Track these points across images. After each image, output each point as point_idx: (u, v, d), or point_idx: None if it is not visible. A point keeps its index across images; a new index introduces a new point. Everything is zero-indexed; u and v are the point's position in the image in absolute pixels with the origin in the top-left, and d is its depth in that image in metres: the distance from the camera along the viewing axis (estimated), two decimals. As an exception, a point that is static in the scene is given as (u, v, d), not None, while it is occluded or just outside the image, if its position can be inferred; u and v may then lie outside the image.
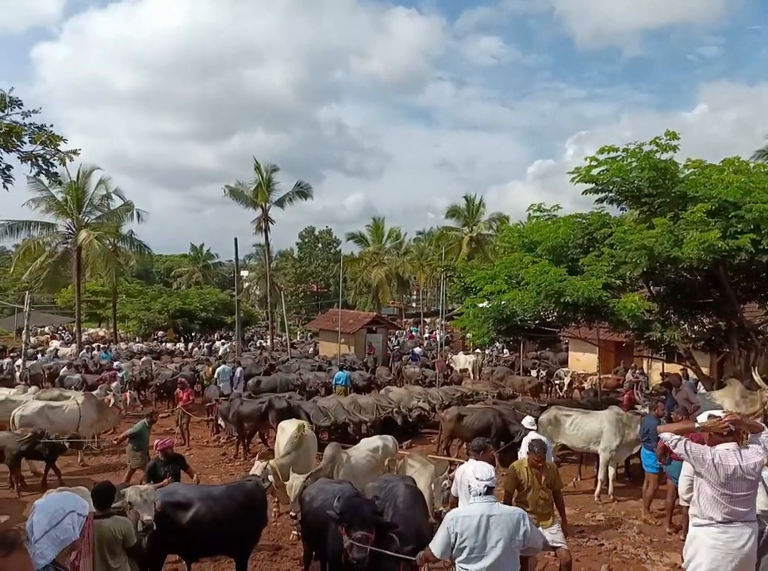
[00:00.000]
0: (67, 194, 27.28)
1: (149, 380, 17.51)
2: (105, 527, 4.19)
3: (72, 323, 37.00)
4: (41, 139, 4.97)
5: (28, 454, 9.31)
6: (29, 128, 4.99)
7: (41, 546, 2.26)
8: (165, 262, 66.26)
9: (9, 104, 4.82)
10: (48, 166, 5.11)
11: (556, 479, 5.62)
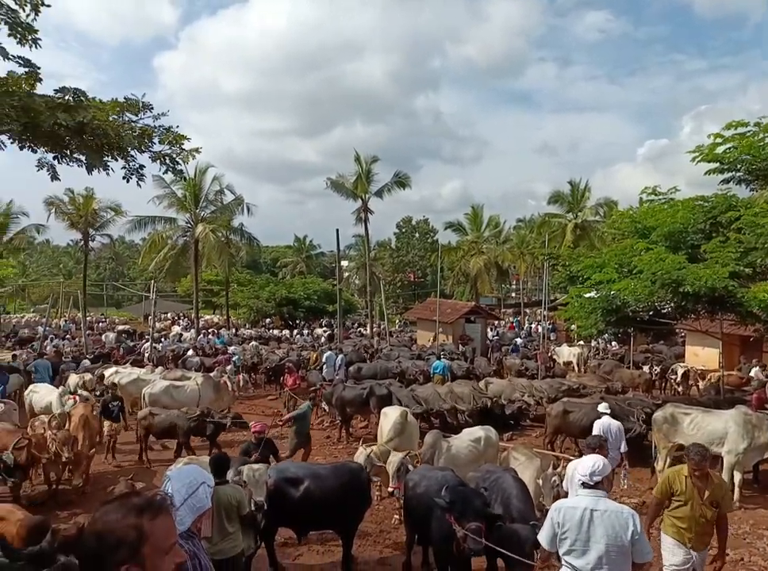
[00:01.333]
0: (186, 191, 29.54)
1: (259, 364, 18.59)
2: (222, 493, 4.55)
3: (191, 309, 40.15)
4: (168, 140, 5.44)
5: (195, 431, 10.14)
6: (159, 129, 5.48)
7: (181, 513, 2.50)
8: (271, 253, 69.73)
9: (142, 108, 5.31)
10: (174, 165, 5.59)
11: (725, 497, 4.67)
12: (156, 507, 1.53)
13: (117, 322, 40.54)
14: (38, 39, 4.66)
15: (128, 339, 28.18)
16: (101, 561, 1.47)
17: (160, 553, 1.50)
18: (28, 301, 47.81)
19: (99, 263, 61.61)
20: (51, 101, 4.82)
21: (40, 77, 4.94)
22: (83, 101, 5.02)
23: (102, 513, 1.51)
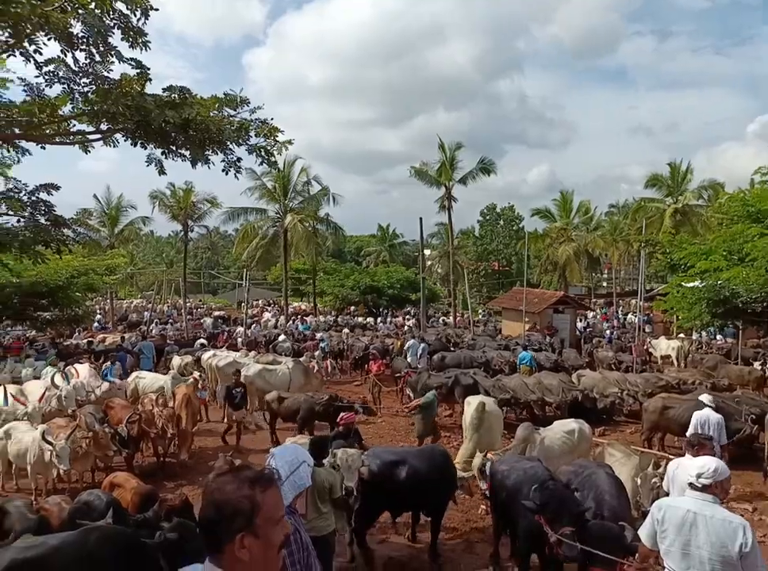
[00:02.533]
0: (275, 182, 30.68)
1: (345, 350, 19.06)
2: (317, 475, 4.70)
3: (280, 297, 41.81)
4: (264, 132, 5.66)
5: (321, 415, 10.15)
6: (255, 122, 5.72)
7: (284, 488, 2.62)
8: (355, 242, 70.90)
9: (240, 103, 5.57)
10: (269, 156, 5.82)
11: None
12: (266, 480, 1.61)
13: (214, 308, 43.02)
14: (147, 41, 5.01)
15: (224, 324, 29.86)
16: (220, 529, 1.56)
17: (271, 524, 1.58)
18: (136, 288, 51.90)
19: (197, 253, 65.57)
20: (159, 100, 5.17)
21: (150, 77, 5.33)
22: (188, 98, 5.34)
23: (218, 484, 1.61)
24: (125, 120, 4.74)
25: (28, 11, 4.24)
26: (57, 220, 5.30)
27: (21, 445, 8.25)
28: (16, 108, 5.73)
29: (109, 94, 4.93)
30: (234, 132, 5.38)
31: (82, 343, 21.18)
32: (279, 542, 1.60)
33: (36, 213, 5.24)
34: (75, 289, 18.51)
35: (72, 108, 5.62)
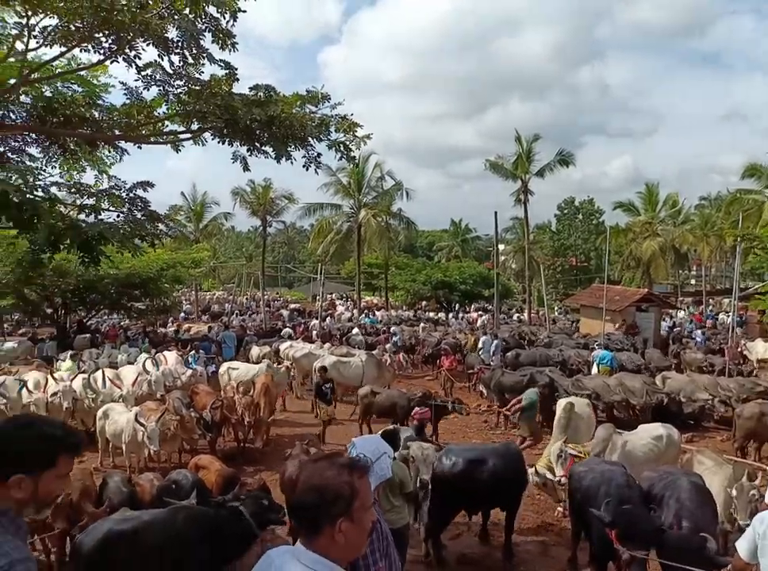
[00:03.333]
0: (350, 178, 31.19)
1: (417, 345, 19.08)
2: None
3: (353, 291, 42.50)
4: (344, 128, 5.76)
5: None
6: (335, 118, 5.83)
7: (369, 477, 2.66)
8: (427, 237, 70.71)
9: (321, 99, 5.69)
10: (348, 152, 5.92)
11: None
12: (362, 468, 1.65)
13: (289, 301, 44.38)
14: (235, 43, 5.23)
15: (299, 317, 30.72)
16: (320, 513, 1.61)
17: (364, 510, 1.62)
18: (218, 280, 54.46)
19: (274, 247, 67.88)
20: (246, 99, 5.39)
21: (237, 77, 5.56)
22: (273, 96, 5.53)
23: (316, 469, 1.66)
24: (215, 119, 4.98)
25: (130, 19, 4.55)
26: (152, 215, 5.67)
27: (117, 425, 8.87)
28: (116, 111, 6.17)
29: (201, 95, 5.20)
30: (315, 128, 5.51)
31: (170, 332, 22.53)
32: (369, 528, 1.64)
33: (133, 209, 5.63)
34: (164, 280, 19.70)
35: (166, 109, 5.99)
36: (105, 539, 4.79)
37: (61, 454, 1.76)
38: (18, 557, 1.63)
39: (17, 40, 5.14)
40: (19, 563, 1.61)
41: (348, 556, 1.63)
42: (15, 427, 1.80)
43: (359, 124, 5.80)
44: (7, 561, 1.59)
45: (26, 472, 1.70)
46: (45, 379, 11.35)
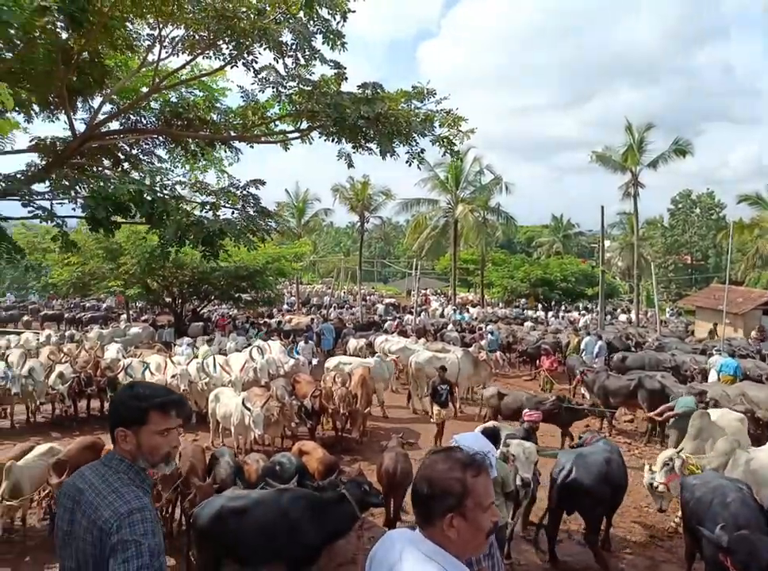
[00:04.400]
0: (448, 173, 30.99)
1: (514, 344, 18.61)
2: (492, 466, 4.67)
3: (447, 287, 42.28)
4: (448, 122, 5.72)
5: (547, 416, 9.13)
6: (440, 113, 5.80)
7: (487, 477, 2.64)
8: (525, 232, 68.68)
9: (427, 95, 5.70)
10: (451, 146, 5.87)
11: None
12: (478, 466, 1.63)
13: (385, 295, 45.05)
14: (345, 43, 5.37)
15: (394, 311, 31.09)
16: (431, 505, 1.62)
17: (480, 510, 1.60)
18: (317, 274, 56.50)
19: (371, 243, 69.15)
20: (354, 97, 5.51)
21: (346, 76, 5.71)
22: (379, 93, 5.62)
23: (431, 462, 1.67)
24: (325, 117, 5.14)
25: (250, 25, 4.83)
26: (263, 211, 5.98)
27: (227, 408, 9.47)
28: (232, 113, 6.58)
29: (311, 94, 5.40)
30: (420, 123, 5.52)
31: (273, 322, 23.72)
32: (488, 528, 1.61)
33: (246, 205, 5.97)
34: (269, 273, 20.74)
35: (278, 109, 6.28)
36: (218, 514, 5.18)
37: (151, 411, 1.99)
38: (137, 505, 1.86)
39: (148, 51, 5.64)
40: (137, 511, 1.84)
41: (464, 553, 1.62)
42: (122, 390, 2.17)
43: (463, 118, 5.72)
44: (127, 509, 1.83)
45: (126, 426, 1.99)
46: (165, 362, 12.43)
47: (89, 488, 1.93)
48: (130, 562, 1.75)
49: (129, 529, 1.80)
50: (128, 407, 2.02)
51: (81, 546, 1.87)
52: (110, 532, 1.79)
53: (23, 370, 11.64)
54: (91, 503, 1.87)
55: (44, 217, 4.28)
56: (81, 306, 30.23)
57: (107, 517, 1.81)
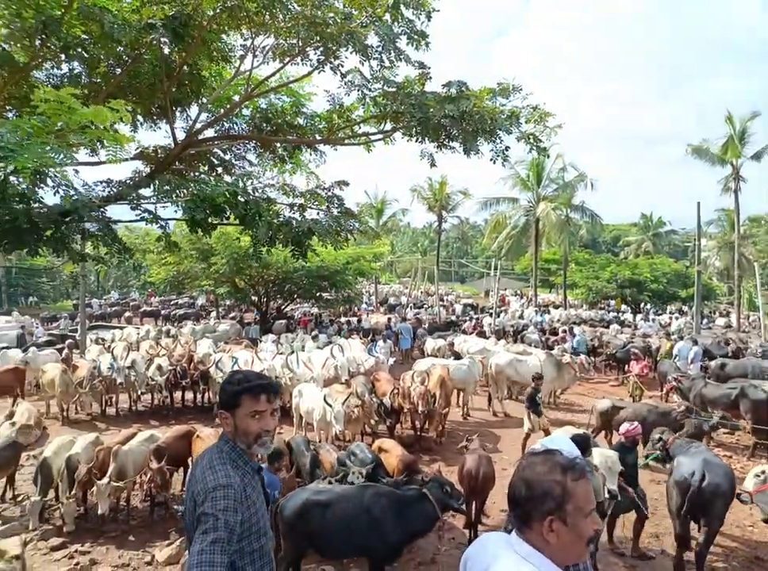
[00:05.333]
0: (529, 170, 30.20)
1: (599, 347, 17.82)
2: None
3: (527, 287, 41.18)
4: (534, 118, 5.58)
5: None
6: (526, 109, 5.67)
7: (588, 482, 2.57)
8: (611, 231, 65.55)
9: (512, 91, 5.58)
10: (538, 143, 5.71)
11: None
12: (579, 470, 1.58)
13: (462, 296, 44.61)
14: (429, 43, 5.39)
15: (472, 312, 30.71)
16: (530, 507, 1.60)
17: (581, 515, 1.55)
18: (394, 274, 56.92)
19: (448, 242, 68.76)
20: (438, 96, 5.51)
21: (430, 76, 5.72)
22: (464, 91, 5.57)
23: (529, 464, 1.64)
24: (409, 118, 5.17)
25: (338, 30, 4.96)
26: (347, 211, 6.12)
27: (310, 404, 9.76)
28: (317, 117, 6.77)
29: (396, 96, 5.46)
30: (505, 120, 5.42)
31: (353, 321, 24.16)
32: (589, 535, 1.56)
33: (331, 206, 6.13)
34: (349, 273, 21.14)
35: (362, 112, 6.40)
36: (302, 506, 5.35)
37: (242, 395, 2.19)
38: (223, 482, 2.02)
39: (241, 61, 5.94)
40: (221, 487, 2.00)
41: (564, 559, 1.57)
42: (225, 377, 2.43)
43: (550, 113, 5.55)
44: (213, 484, 2.00)
45: (225, 409, 2.23)
46: (252, 358, 13.01)
47: (198, 464, 2.17)
48: (208, 534, 1.90)
49: (211, 503, 1.95)
50: (226, 391, 2.26)
51: (190, 516, 2.10)
52: (198, 504, 1.98)
53: (126, 362, 12.64)
54: (194, 476, 2.11)
55: (149, 220, 4.64)
56: (174, 303, 32.28)
57: (198, 490, 2.01)
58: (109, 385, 12.28)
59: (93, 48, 4.94)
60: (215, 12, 4.98)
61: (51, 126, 3.23)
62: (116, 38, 4.49)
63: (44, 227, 3.94)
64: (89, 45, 4.88)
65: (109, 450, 7.79)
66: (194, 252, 18.81)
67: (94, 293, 37.43)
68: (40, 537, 7.19)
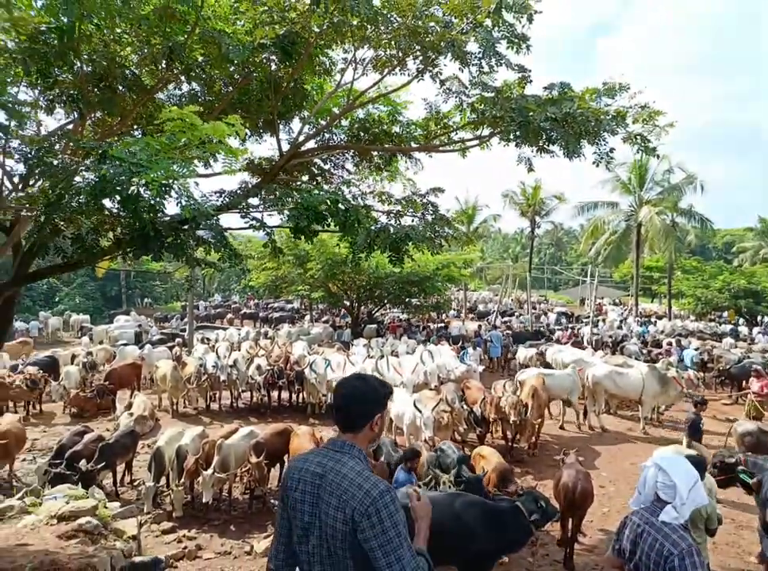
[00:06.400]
0: (630, 173, 28.60)
1: (710, 362, 16.47)
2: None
3: (626, 296, 38.94)
4: (643, 118, 5.29)
5: None
6: (633, 108, 5.40)
7: (687, 505, 2.41)
8: (724, 236, 60.47)
9: (619, 90, 5.34)
10: (646, 143, 5.40)
11: None
12: None
13: (555, 304, 43.03)
14: (530, 46, 5.29)
15: (566, 321, 29.52)
16: None
17: None
18: (484, 281, 56.01)
19: (540, 248, 66.68)
20: (539, 99, 5.39)
21: (531, 79, 5.61)
22: (567, 92, 5.41)
23: None
24: (509, 122, 5.11)
25: (438, 39, 5.02)
26: (442, 218, 6.13)
27: (400, 408, 9.84)
28: (413, 125, 6.86)
29: (495, 101, 5.41)
30: (611, 120, 5.19)
31: (441, 327, 24.09)
32: None
33: (426, 213, 6.18)
34: (438, 279, 21.12)
35: (459, 118, 6.40)
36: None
37: (387, 397, 2.25)
38: (384, 487, 2.00)
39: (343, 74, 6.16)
40: (386, 492, 1.97)
41: None
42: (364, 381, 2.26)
43: (660, 111, 5.22)
44: (378, 490, 1.94)
45: (380, 412, 2.19)
46: (344, 361, 13.36)
47: (330, 473, 2.03)
48: (392, 541, 1.88)
49: (385, 509, 1.90)
50: (380, 393, 2.21)
51: (329, 528, 1.96)
52: (367, 513, 1.88)
53: (229, 361, 13.45)
54: (339, 486, 1.97)
55: (257, 227, 4.94)
56: (271, 307, 33.85)
57: (360, 497, 1.91)
58: (213, 382, 13.13)
59: (210, 69, 5.35)
60: (321, 28, 5.21)
61: (176, 142, 3.55)
62: (231, 59, 4.84)
63: (165, 234, 4.30)
64: (206, 66, 5.29)
65: (214, 443, 8.33)
66: (292, 258, 19.65)
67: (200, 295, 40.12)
68: (153, 520, 7.81)
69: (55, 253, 5.18)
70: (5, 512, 6.32)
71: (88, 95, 5.01)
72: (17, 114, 4.27)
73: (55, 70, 4.85)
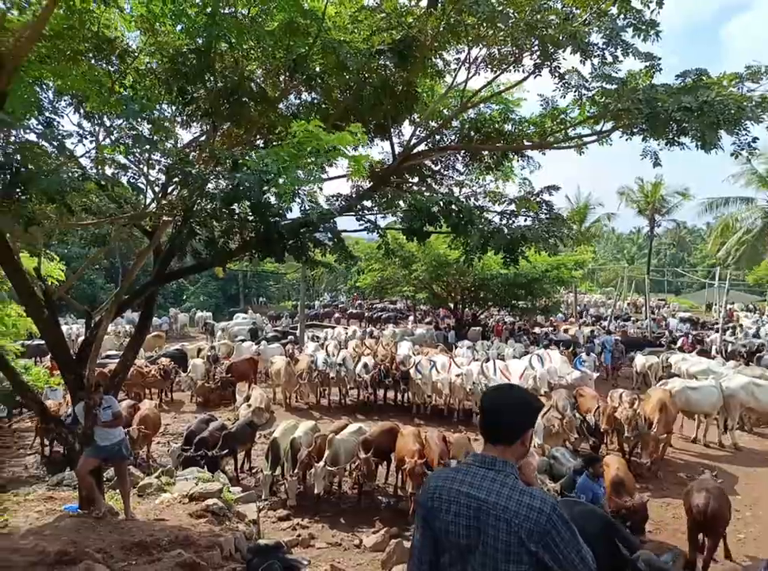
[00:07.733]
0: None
1: None
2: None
3: (762, 301, 35.06)
4: (790, 101, 4.72)
5: None
6: (784, 92, 4.84)
7: None
8: None
9: (764, 73, 4.82)
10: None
11: None
12: None
13: (677, 308, 39.78)
14: (659, 32, 4.92)
15: (688, 326, 27.17)
16: None
17: None
18: (596, 283, 53.13)
19: (660, 249, 61.97)
20: (670, 88, 5.01)
21: (660, 68, 5.23)
22: (703, 80, 4.99)
23: None
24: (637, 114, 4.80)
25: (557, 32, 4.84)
26: (557, 217, 5.90)
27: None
28: (527, 122, 6.67)
29: (620, 92, 5.11)
30: (756, 107, 4.69)
31: (549, 331, 23.18)
32: None
33: (540, 212, 5.98)
34: (547, 281, 20.35)
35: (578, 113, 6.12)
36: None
37: (539, 412, 2.17)
38: (551, 501, 1.90)
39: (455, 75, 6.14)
40: (555, 506, 1.87)
41: None
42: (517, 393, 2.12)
43: (812, 94, 4.63)
44: (549, 507, 1.84)
45: (533, 425, 2.10)
46: (449, 362, 13.31)
47: (492, 495, 1.92)
48: (573, 544, 1.84)
49: (560, 520, 1.83)
50: (535, 408, 2.10)
51: (498, 553, 1.87)
52: (545, 531, 1.81)
53: (338, 359, 13.93)
54: (506, 509, 1.86)
55: (371, 229, 5.07)
56: (375, 307, 34.56)
57: (535, 519, 1.83)
58: (323, 379, 13.67)
59: (328, 78, 5.57)
60: (436, 30, 5.23)
61: (303, 152, 3.75)
62: (347, 67, 5.01)
63: (288, 237, 4.55)
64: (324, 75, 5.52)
65: (325, 437, 8.68)
66: (397, 259, 19.92)
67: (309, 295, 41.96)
68: (270, 507, 8.29)
69: (191, 254, 5.67)
70: (145, 489, 7.03)
71: (220, 109, 5.42)
72: (161, 129, 4.73)
73: (192, 88, 5.31)
